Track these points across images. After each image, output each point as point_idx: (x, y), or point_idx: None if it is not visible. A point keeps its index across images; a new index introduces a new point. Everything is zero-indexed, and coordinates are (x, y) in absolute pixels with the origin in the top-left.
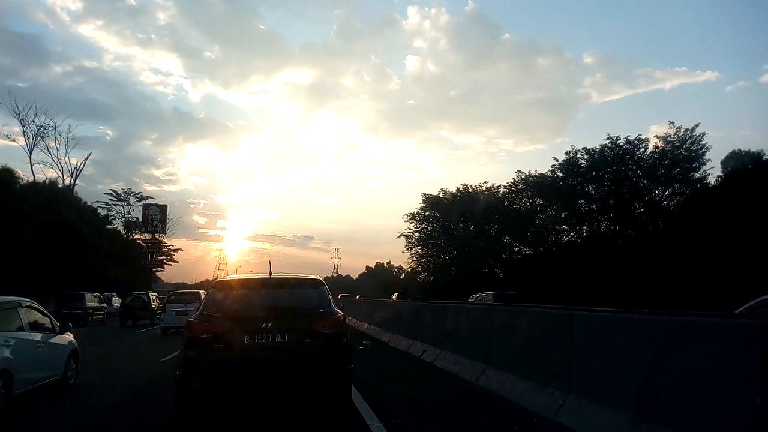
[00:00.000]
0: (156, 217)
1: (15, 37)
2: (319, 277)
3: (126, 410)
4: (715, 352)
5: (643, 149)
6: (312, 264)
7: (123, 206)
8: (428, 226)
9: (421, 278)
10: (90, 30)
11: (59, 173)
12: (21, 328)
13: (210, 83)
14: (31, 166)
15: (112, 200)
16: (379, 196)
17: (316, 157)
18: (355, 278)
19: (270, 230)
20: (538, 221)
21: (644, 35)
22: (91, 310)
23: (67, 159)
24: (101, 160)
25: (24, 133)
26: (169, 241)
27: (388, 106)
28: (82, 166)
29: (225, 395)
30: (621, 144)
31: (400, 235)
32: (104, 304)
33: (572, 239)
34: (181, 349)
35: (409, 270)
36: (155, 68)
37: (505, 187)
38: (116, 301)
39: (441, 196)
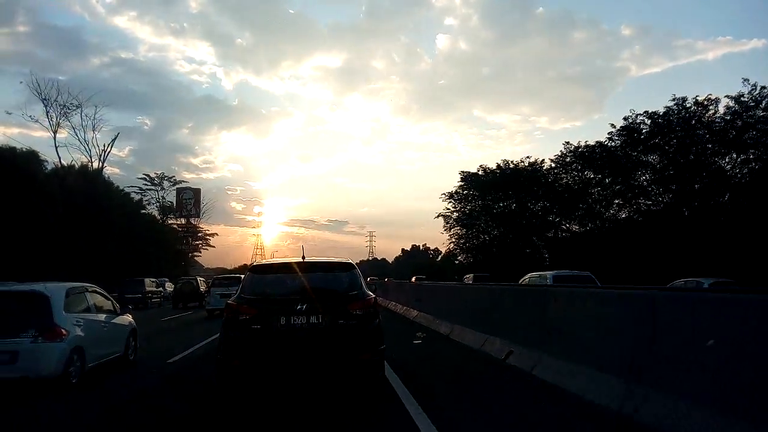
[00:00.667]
0: (190, 200)
1: (54, 31)
2: (350, 261)
3: (179, 382)
4: None
5: (713, 111)
6: (347, 248)
7: (157, 191)
8: (467, 205)
9: (458, 260)
10: (125, 21)
11: (87, 156)
12: (89, 310)
13: (242, 70)
14: (56, 148)
15: (145, 185)
16: (412, 179)
17: (348, 141)
18: (390, 261)
19: (305, 215)
20: (588, 196)
21: (684, 4)
22: (149, 294)
23: (95, 141)
24: (140, 149)
25: (47, 113)
26: (206, 226)
27: (419, 87)
28: (109, 147)
29: (263, 374)
30: (688, 106)
31: (438, 216)
32: (161, 289)
33: (629, 215)
34: (221, 330)
35: (447, 251)
36: (189, 57)
37: (552, 160)
38: (168, 286)
39: (480, 173)
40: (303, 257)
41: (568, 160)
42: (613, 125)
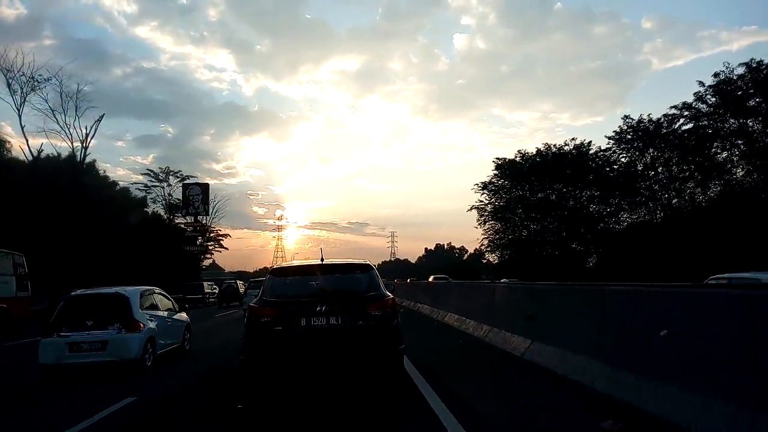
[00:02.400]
0: (197, 197)
1: (79, 44)
2: (368, 262)
3: (228, 368)
4: None
5: None
6: (369, 249)
7: (163, 187)
8: (503, 196)
9: (486, 259)
10: (146, 31)
11: (68, 141)
12: (156, 308)
13: (262, 76)
14: (23, 129)
15: (150, 181)
16: (432, 179)
17: (367, 143)
18: (413, 261)
19: (326, 218)
20: (651, 179)
21: None
22: (207, 295)
23: (77, 124)
24: (164, 156)
25: (9, 86)
26: (225, 228)
27: (438, 87)
28: (93, 131)
29: (284, 374)
30: None
31: (471, 208)
32: (215, 290)
33: (710, 197)
34: (244, 331)
35: (480, 247)
36: (209, 65)
37: (608, 137)
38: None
39: (517, 159)
40: (322, 259)
41: (629, 137)
42: (701, 83)
